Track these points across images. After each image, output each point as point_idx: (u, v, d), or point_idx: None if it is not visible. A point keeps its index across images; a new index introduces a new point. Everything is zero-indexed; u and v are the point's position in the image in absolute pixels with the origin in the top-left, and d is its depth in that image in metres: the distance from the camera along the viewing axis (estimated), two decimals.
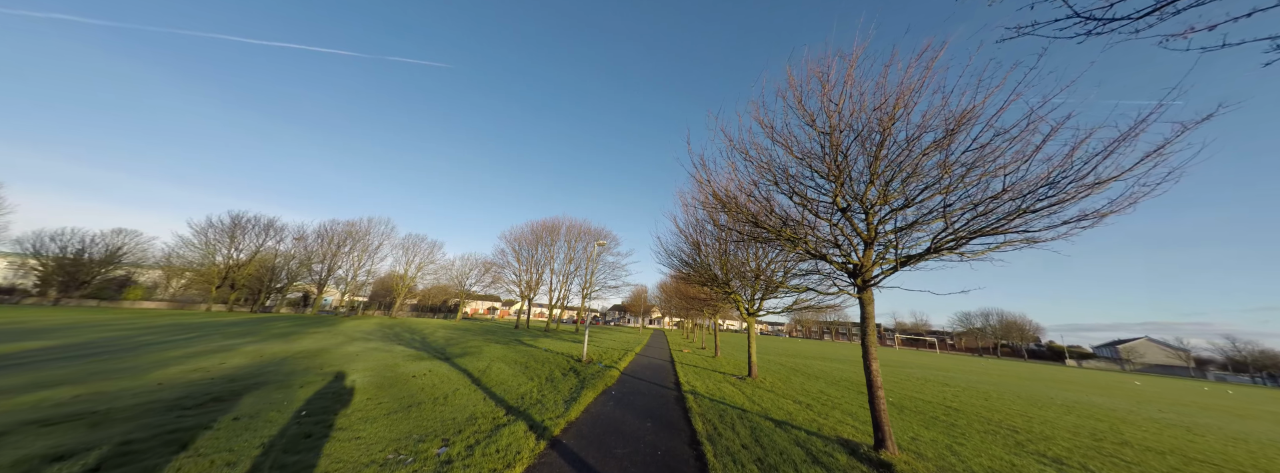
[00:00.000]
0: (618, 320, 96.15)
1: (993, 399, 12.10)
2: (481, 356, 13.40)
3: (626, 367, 12.74)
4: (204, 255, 41.43)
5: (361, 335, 18.87)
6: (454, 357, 12.81)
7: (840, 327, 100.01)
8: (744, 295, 12.43)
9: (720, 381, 11.03)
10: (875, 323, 5.81)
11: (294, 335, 16.99)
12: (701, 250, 12.19)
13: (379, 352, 13.06)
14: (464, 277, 46.53)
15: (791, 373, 14.44)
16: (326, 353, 12.21)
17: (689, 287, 22.07)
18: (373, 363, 10.52)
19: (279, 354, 11.33)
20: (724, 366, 14.88)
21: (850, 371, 17.42)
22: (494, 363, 11.73)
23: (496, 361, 12.28)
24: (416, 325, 30.34)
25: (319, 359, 10.81)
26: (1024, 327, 66.82)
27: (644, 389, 9.07)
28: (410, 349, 14.28)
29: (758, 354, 20.46)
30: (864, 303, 5.78)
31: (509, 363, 11.95)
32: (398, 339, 17.96)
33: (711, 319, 30.32)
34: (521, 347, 17.50)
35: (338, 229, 47.68)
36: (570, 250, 37.52)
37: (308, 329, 20.91)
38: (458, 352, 14.15)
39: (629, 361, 14.46)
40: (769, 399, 8.73)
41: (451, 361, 11.93)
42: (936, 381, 16.43)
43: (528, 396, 7.58)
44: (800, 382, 12.17)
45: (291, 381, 7.88)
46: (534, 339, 22.56)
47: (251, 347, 12.65)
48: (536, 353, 15.10)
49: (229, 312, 41.04)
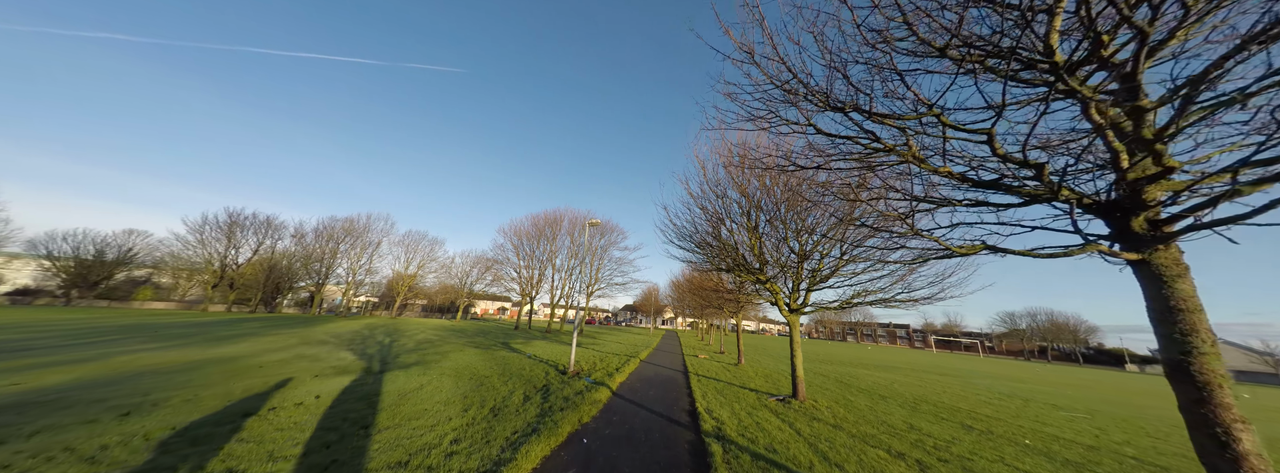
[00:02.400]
0: (629, 321, 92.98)
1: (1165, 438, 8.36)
2: (434, 367, 10.33)
3: (624, 381, 9.47)
4: (199, 254, 40.03)
5: (323, 339, 16.10)
6: (396, 368, 9.78)
7: (864, 327, 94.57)
8: (783, 286, 9.03)
9: (754, 405, 7.66)
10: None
11: (236, 339, 14.30)
12: (726, 225, 8.86)
13: (303, 361, 10.13)
14: (465, 275, 44.04)
15: (843, 389, 10.92)
16: (229, 363, 9.34)
17: (706, 280, 18.69)
18: (256, 382, 7.54)
19: (151, 366, 8.48)
20: (752, 378, 11.46)
21: (917, 384, 13.74)
22: (441, 378, 8.63)
23: (446, 375, 9.17)
24: (405, 327, 27.72)
25: (192, 375, 7.88)
26: (1076, 328, 60.56)
27: (641, 426, 5.78)
28: (354, 356, 11.34)
29: (783, 362, 16.69)
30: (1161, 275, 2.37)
31: (462, 378, 8.83)
32: (358, 344, 15.10)
33: (732, 320, 26.91)
34: (502, 353, 14.42)
35: (336, 226, 45.85)
36: (573, 245, 34.45)
37: (269, 331, 18.31)
38: (410, 361, 11.12)
39: (630, 371, 11.18)
40: (844, 445, 5.35)
41: (386, 373, 8.89)
42: (1038, 398, 12.61)
43: (431, 448, 4.39)
44: (865, 405, 8.68)
45: (70, 414, 4.89)
46: (526, 342, 19.50)
47: (148, 355, 9.89)
48: (514, 362, 11.98)
49: (227, 312, 39.53)
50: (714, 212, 8.84)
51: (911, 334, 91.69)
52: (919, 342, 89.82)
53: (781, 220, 8.16)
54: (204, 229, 40.34)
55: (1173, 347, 2.23)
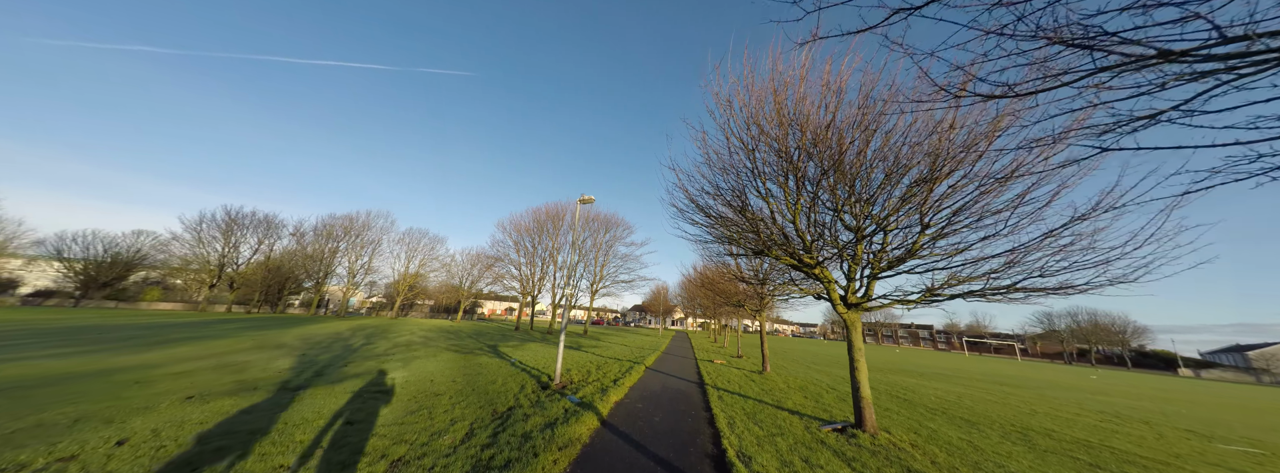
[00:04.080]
0: (638, 322, 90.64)
1: None
2: (381, 380, 8.15)
3: (621, 400, 7.12)
4: (196, 253, 38.98)
5: (282, 343, 14.15)
6: (328, 382, 7.61)
7: (884, 328, 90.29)
8: (837, 275, 6.61)
9: (806, 440, 5.25)
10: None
11: (178, 343, 12.39)
12: (759, 189, 6.46)
13: (217, 372, 8.03)
14: (466, 274, 42.18)
15: (909, 409, 8.38)
16: (121, 375, 7.28)
17: (721, 276, 16.22)
18: (99, 407, 5.41)
19: (17, 378, 6.44)
20: (787, 394, 8.99)
21: (991, 399, 11.09)
22: (373, 399, 6.41)
23: (385, 392, 6.95)
24: (396, 328, 25.83)
25: (35, 393, 5.79)
26: (1123, 329, 55.89)
27: None
28: (290, 365, 9.24)
29: (815, 369, 14.14)
30: None
31: (402, 399, 6.60)
32: (317, 349, 13.08)
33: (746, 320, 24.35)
34: (482, 359, 12.22)
35: (336, 224, 44.52)
36: (577, 240, 32.22)
37: (234, 333, 16.47)
38: (357, 371, 8.94)
39: (631, 383, 8.82)
40: None
41: (306, 390, 6.71)
42: (1154, 420, 9.86)
43: None
44: (960, 439, 6.16)
45: None
46: (518, 345, 17.31)
47: (45, 362, 7.95)
48: (489, 371, 9.75)
49: (227, 312, 38.43)
50: (742, 167, 6.41)
51: (935, 335, 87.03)
52: (943, 343, 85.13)
53: (846, 178, 5.70)
54: (201, 227, 39.29)
55: None
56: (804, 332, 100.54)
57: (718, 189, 6.77)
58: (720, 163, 6.61)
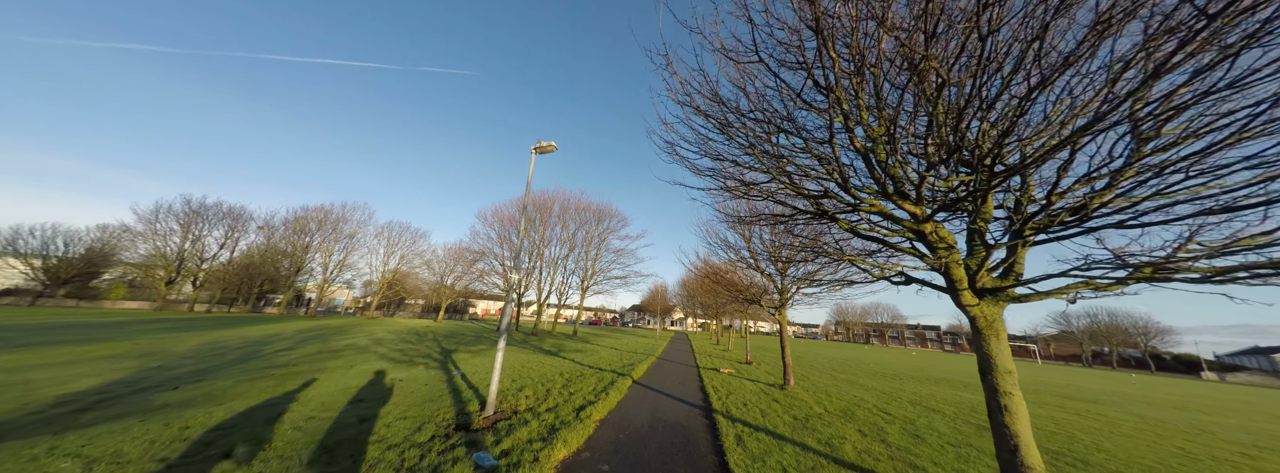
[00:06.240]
0: (636, 322, 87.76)
1: None
2: (185, 416, 5.29)
3: (571, 458, 4.30)
4: (152, 247, 35.94)
5: (154, 353, 11.29)
6: (86, 424, 4.75)
7: (890, 328, 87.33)
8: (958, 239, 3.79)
9: None
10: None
11: (48, 346, 9.50)
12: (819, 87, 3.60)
13: None
14: (448, 270, 39.25)
15: None
16: None
17: (730, 268, 13.42)
18: None
19: None
20: (834, 422, 6.13)
21: (1073, 421, 8.24)
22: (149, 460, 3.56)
23: (121, 460, 4.11)
24: (358, 328, 22.91)
25: None
26: (1145, 330, 53.20)
27: None
28: (117, 377, 6.37)
29: (843, 379, 10.21)
30: None
31: (179, 458, 3.75)
32: (195, 360, 10.23)
33: (751, 322, 21.68)
34: (417, 371, 9.35)
35: (309, 216, 41.45)
36: (565, 232, 29.36)
37: (139, 336, 13.57)
38: (178, 400, 6.07)
39: (603, 415, 5.97)
40: None
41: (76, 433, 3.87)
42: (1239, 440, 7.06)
43: None
44: None
45: None
46: (481, 351, 14.45)
47: None
48: (404, 394, 6.89)
49: (189, 311, 35.48)
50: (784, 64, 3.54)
51: (942, 336, 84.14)
52: (950, 345, 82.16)
53: (979, 58, 2.85)
54: (156, 219, 36.16)
55: None
56: (805, 332, 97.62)
57: (736, 102, 3.88)
58: (741, 68, 3.73)
